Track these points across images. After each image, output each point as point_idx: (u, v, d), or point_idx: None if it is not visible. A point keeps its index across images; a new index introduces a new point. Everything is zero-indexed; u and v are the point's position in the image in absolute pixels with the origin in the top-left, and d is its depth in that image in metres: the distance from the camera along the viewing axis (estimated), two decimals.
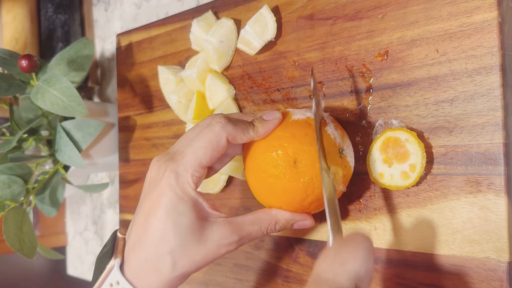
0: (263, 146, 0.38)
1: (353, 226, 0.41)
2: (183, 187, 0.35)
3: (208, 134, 0.35)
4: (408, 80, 0.38)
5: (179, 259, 0.34)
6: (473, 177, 0.34)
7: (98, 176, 0.81)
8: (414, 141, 0.35)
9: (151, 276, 0.35)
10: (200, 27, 0.52)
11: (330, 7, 0.43)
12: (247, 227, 0.36)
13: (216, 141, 0.35)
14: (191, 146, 0.35)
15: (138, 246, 0.35)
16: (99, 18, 0.79)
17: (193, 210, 0.35)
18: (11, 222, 0.55)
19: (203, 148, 0.35)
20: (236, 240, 0.35)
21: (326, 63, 0.43)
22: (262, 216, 0.37)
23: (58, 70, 0.59)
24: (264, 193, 0.38)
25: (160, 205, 0.35)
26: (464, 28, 0.35)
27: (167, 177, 0.35)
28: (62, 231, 0.89)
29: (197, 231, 0.34)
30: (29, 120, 0.63)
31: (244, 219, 0.36)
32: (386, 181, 0.37)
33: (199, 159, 0.35)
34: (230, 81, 0.51)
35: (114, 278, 0.36)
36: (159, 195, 0.35)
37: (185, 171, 0.35)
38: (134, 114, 0.64)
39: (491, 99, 0.33)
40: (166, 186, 0.35)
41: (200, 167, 0.35)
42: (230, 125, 0.36)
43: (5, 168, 0.58)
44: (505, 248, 0.33)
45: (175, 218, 0.34)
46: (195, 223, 0.34)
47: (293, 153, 0.36)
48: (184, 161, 0.35)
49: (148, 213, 0.35)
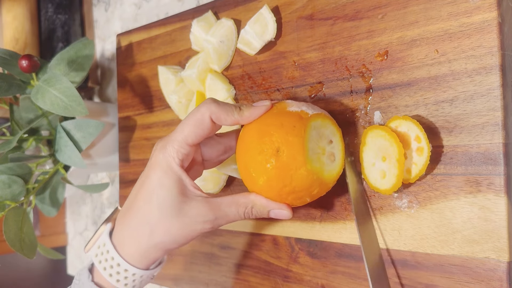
0: (251, 131, 0.39)
1: (353, 226, 0.41)
2: (168, 161, 0.38)
3: (195, 113, 0.38)
4: (408, 80, 0.38)
5: (155, 229, 0.37)
6: (473, 177, 0.34)
7: (98, 176, 0.81)
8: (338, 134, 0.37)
9: (130, 243, 0.39)
10: (200, 27, 0.52)
11: (330, 7, 0.43)
12: (224, 207, 0.38)
13: (200, 119, 0.38)
14: (181, 126, 0.39)
15: (126, 215, 0.39)
16: (99, 18, 0.80)
17: (176, 185, 0.37)
18: (11, 222, 0.55)
19: (188, 125, 0.38)
20: (212, 219, 0.38)
21: (326, 63, 0.43)
22: (240, 199, 0.39)
23: (58, 70, 0.59)
24: (247, 178, 0.39)
25: (149, 179, 0.38)
26: (464, 28, 0.35)
27: (157, 153, 0.38)
28: (62, 231, 0.89)
29: (177, 205, 0.37)
30: (29, 120, 0.63)
31: (223, 200, 0.38)
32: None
33: (185, 136, 0.38)
34: (230, 81, 0.51)
35: (102, 241, 0.40)
36: (149, 170, 0.38)
37: (171, 147, 0.38)
38: (134, 114, 0.64)
39: (491, 99, 0.33)
40: (156, 162, 0.38)
41: (186, 144, 0.38)
42: (214, 105, 0.38)
43: (5, 168, 0.58)
44: (505, 248, 0.33)
45: (158, 191, 0.37)
46: (176, 198, 0.37)
47: (278, 142, 0.37)
48: (172, 138, 0.38)
49: (140, 186, 0.39)
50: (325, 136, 0.38)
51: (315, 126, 0.37)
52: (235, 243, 0.51)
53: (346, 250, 0.41)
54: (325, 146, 0.38)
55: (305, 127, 0.37)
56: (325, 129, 0.38)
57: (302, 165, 0.36)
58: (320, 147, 0.37)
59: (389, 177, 0.36)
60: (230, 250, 0.52)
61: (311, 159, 0.36)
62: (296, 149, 0.36)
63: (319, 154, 0.37)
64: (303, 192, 0.38)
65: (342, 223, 0.42)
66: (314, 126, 0.37)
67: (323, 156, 0.38)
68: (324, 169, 0.37)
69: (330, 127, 0.39)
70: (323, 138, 0.38)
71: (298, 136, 0.36)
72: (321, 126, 0.38)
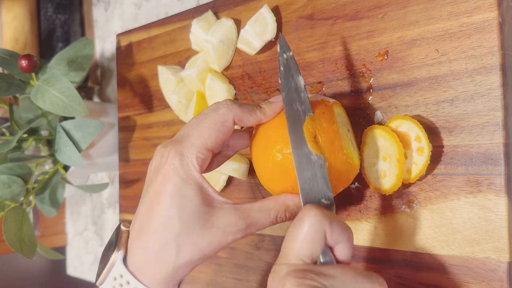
0: (275, 125, 0.36)
1: (353, 226, 0.41)
2: (187, 169, 0.33)
3: (214, 115, 0.34)
4: (408, 80, 0.38)
5: (183, 246, 0.33)
6: (473, 177, 0.34)
7: (98, 176, 0.81)
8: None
9: (155, 266, 0.34)
10: (200, 27, 0.52)
11: (330, 7, 0.43)
12: (254, 214, 0.34)
13: (221, 122, 0.34)
14: (196, 128, 0.34)
15: (141, 236, 0.34)
16: (99, 18, 0.79)
17: (199, 194, 0.33)
18: (11, 222, 0.55)
19: (208, 128, 0.34)
20: (244, 227, 0.34)
21: (326, 63, 0.43)
22: (270, 203, 0.35)
23: (58, 70, 0.59)
24: (275, 178, 0.36)
25: (165, 189, 0.33)
26: (464, 28, 0.35)
27: (171, 160, 0.34)
28: (62, 231, 0.89)
29: (203, 216, 0.33)
30: (29, 120, 0.63)
31: (252, 206, 0.34)
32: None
33: (205, 139, 0.34)
34: (230, 81, 0.51)
35: (117, 272, 0.35)
36: (163, 180, 0.34)
37: (189, 152, 0.34)
38: (134, 114, 0.64)
39: (491, 99, 0.33)
40: (171, 169, 0.33)
41: (205, 149, 0.34)
42: (236, 106, 0.35)
43: (5, 168, 0.58)
44: (505, 248, 0.33)
45: (179, 202, 0.33)
46: (201, 208, 0.33)
47: (313, 128, 0.34)
48: (188, 142, 0.34)
49: (152, 200, 0.34)
50: (344, 124, 0.38)
51: (338, 113, 0.37)
52: (235, 243, 0.51)
53: None
54: (347, 133, 0.38)
55: (334, 114, 0.36)
56: (343, 118, 0.38)
57: (340, 150, 0.35)
58: (345, 133, 0.37)
59: (389, 177, 0.36)
60: (230, 250, 0.52)
61: (344, 144, 0.36)
62: (332, 135, 0.35)
63: (347, 140, 0.37)
64: (342, 178, 0.36)
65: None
66: (337, 113, 0.37)
67: (349, 142, 0.37)
68: (353, 155, 0.37)
69: (345, 117, 0.39)
70: (344, 126, 0.38)
71: (331, 122, 0.35)
72: (340, 114, 0.38)
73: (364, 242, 0.40)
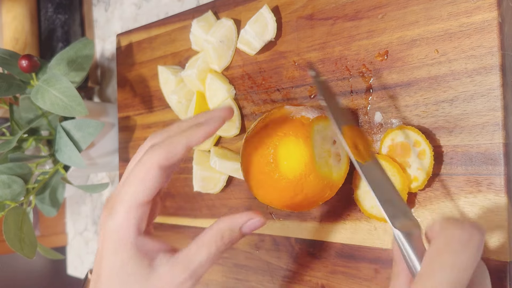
0: (255, 144, 0.38)
1: (353, 226, 0.41)
2: (120, 233, 0.33)
3: (138, 171, 0.33)
4: (408, 80, 0.38)
5: None
6: (473, 177, 0.34)
7: (98, 176, 0.81)
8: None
9: None
10: (200, 27, 0.52)
11: (330, 7, 0.43)
12: (194, 257, 0.32)
13: (148, 177, 0.32)
14: (124, 188, 0.33)
15: None
16: (99, 18, 0.79)
17: (135, 258, 0.32)
18: (11, 222, 0.55)
19: (133, 184, 0.33)
20: (188, 276, 0.32)
21: (326, 63, 0.43)
22: (205, 237, 0.33)
23: (58, 70, 0.59)
24: (257, 189, 0.39)
25: (106, 256, 0.33)
26: (464, 28, 0.35)
27: (104, 220, 0.33)
28: (62, 231, 0.89)
29: (144, 282, 0.32)
30: (29, 120, 0.63)
31: (190, 249, 0.33)
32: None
33: (134, 199, 0.32)
34: (230, 81, 0.51)
35: None
36: (103, 242, 0.33)
37: (121, 211, 0.33)
38: (134, 114, 0.64)
39: (491, 99, 0.33)
40: (106, 232, 0.33)
41: (138, 207, 0.33)
42: (156, 152, 0.33)
43: (5, 168, 0.58)
44: (505, 248, 0.33)
45: (119, 266, 0.32)
46: (140, 272, 0.32)
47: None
48: (119, 198, 0.33)
49: (99, 265, 0.34)
50: (328, 138, 0.38)
51: (318, 130, 0.37)
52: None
53: (346, 250, 0.41)
54: (330, 147, 0.38)
55: (309, 134, 0.36)
56: (328, 131, 0.38)
57: (311, 172, 0.36)
58: (325, 150, 0.37)
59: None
60: (230, 250, 0.52)
61: (319, 164, 0.36)
62: (303, 158, 0.36)
63: (326, 158, 0.37)
64: (316, 197, 0.37)
65: (342, 223, 0.42)
66: (317, 130, 0.37)
67: (330, 158, 0.37)
68: (333, 172, 0.37)
69: (329, 130, 0.39)
70: (327, 141, 0.38)
71: (303, 144, 0.36)
72: (323, 129, 0.38)
73: (364, 242, 0.40)
